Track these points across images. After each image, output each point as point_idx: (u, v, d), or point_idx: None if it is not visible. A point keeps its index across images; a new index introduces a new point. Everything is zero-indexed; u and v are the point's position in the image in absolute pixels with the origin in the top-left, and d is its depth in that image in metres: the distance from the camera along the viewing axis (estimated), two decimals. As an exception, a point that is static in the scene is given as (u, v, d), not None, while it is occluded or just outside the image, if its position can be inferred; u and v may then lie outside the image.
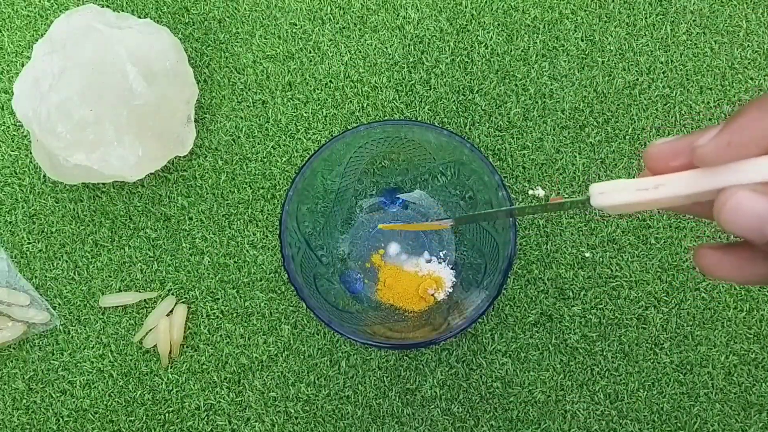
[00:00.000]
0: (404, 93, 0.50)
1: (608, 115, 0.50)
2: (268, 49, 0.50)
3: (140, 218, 0.48)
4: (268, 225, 0.48)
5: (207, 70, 0.50)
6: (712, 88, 0.50)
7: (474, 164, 0.42)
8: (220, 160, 0.49)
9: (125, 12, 0.49)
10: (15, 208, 0.48)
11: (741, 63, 0.50)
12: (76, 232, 0.48)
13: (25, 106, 0.45)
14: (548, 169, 0.49)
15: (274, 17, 0.51)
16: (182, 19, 0.51)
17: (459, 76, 0.50)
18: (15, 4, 0.51)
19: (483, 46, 0.50)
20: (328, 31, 0.51)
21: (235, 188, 0.49)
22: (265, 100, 0.50)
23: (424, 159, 0.45)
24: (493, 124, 0.49)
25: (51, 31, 0.45)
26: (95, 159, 0.44)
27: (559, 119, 0.49)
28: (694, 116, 0.50)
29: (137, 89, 0.44)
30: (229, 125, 0.49)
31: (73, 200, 0.48)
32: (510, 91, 0.50)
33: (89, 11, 0.46)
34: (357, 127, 0.42)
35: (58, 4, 0.51)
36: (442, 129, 0.41)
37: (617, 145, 0.49)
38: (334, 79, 0.50)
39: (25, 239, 0.48)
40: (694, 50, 0.50)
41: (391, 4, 0.51)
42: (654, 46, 0.50)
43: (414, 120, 0.49)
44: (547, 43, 0.50)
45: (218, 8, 0.51)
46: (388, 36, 0.51)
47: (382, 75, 0.50)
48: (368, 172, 0.46)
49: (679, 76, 0.50)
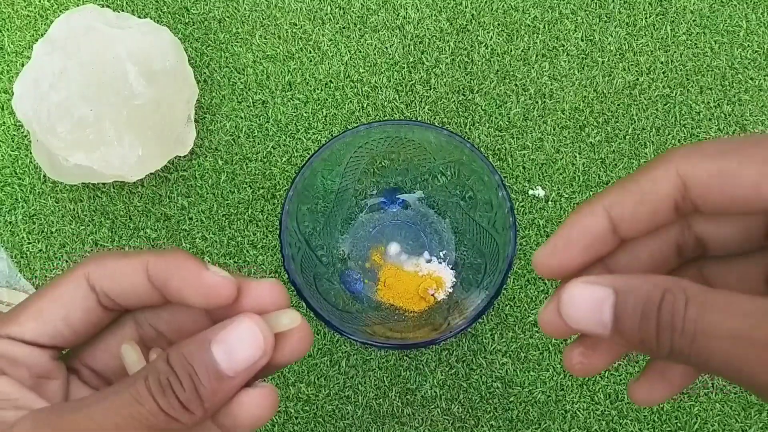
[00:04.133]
0: (404, 93, 0.50)
1: (608, 115, 0.50)
2: (268, 49, 0.50)
3: (140, 218, 0.48)
4: (268, 225, 0.48)
5: (207, 70, 0.50)
6: (712, 88, 0.50)
7: (474, 164, 0.42)
8: (220, 160, 0.49)
9: (125, 12, 0.49)
10: (15, 208, 0.48)
11: (741, 63, 0.50)
12: (76, 232, 0.48)
13: (25, 105, 0.45)
14: (548, 169, 0.49)
15: (274, 17, 0.51)
16: (182, 19, 0.51)
17: (459, 76, 0.50)
18: (15, 4, 0.51)
19: (483, 46, 0.50)
20: (328, 31, 0.51)
21: (235, 188, 0.49)
22: (265, 100, 0.50)
23: (424, 159, 0.45)
24: (493, 124, 0.50)
25: (51, 31, 0.45)
26: (95, 159, 0.44)
27: (559, 119, 0.50)
28: (693, 116, 0.50)
29: (137, 89, 0.44)
30: (229, 125, 0.49)
31: (73, 200, 0.48)
32: (510, 91, 0.50)
33: (89, 11, 0.46)
34: (357, 127, 0.42)
35: (58, 4, 0.51)
36: (442, 129, 0.41)
37: (617, 145, 0.49)
38: (334, 79, 0.50)
39: (25, 239, 0.48)
40: (694, 50, 0.50)
41: (391, 4, 0.51)
42: (654, 46, 0.50)
43: (414, 120, 0.49)
44: (547, 43, 0.50)
45: (218, 8, 0.51)
46: (388, 36, 0.51)
47: (382, 75, 0.50)
48: (368, 172, 0.46)
49: (679, 76, 0.50)
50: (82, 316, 0.24)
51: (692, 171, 0.21)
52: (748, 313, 0.19)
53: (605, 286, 0.21)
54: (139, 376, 0.22)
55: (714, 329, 0.19)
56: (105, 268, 0.24)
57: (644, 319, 0.20)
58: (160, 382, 0.21)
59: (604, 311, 0.21)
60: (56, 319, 0.24)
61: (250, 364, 0.22)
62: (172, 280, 0.23)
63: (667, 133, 0.49)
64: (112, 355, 0.25)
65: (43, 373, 0.24)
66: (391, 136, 0.43)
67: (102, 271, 0.24)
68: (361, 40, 0.51)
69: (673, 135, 0.49)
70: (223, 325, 0.23)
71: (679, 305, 0.20)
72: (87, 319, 0.24)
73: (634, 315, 0.20)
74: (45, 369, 0.24)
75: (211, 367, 0.22)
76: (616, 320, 0.21)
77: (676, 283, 0.20)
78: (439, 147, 0.43)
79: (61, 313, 0.24)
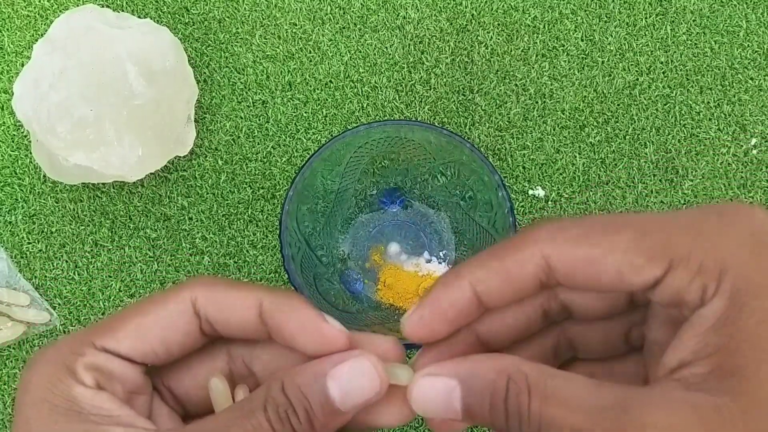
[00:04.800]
0: (404, 93, 0.50)
1: (608, 115, 0.50)
2: (268, 49, 0.50)
3: (140, 218, 0.48)
4: (268, 225, 0.48)
5: (207, 70, 0.50)
6: (712, 88, 0.50)
7: (474, 164, 0.42)
8: (220, 160, 0.49)
9: (125, 12, 0.49)
10: (15, 208, 0.48)
11: (741, 63, 0.50)
12: (75, 232, 0.48)
13: (25, 105, 0.45)
14: (548, 169, 0.49)
15: (274, 17, 0.51)
16: (182, 19, 0.51)
17: (459, 76, 0.50)
18: (15, 4, 0.51)
19: (483, 46, 0.50)
20: (328, 31, 0.51)
21: (235, 188, 0.49)
22: (265, 100, 0.50)
23: (424, 159, 0.45)
24: (493, 124, 0.50)
25: (51, 31, 0.46)
26: (95, 159, 0.45)
27: (559, 119, 0.50)
28: (693, 116, 0.50)
29: (137, 89, 0.44)
30: (229, 125, 0.50)
31: (73, 200, 0.48)
32: (510, 91, 0.50)
33: (89, 11, 0.46)
34: (357, 127, 0.42)
35: (58, 4, 0.51)
36: (442, 129, 0.42)
37: (617, 145, 0.49)
38: (334, 79, 0.50)
39: (25, 239, 0.48)
40: (694, 50, 0.51)
41: (391, 4, 0.51)
42: (654, 46, 0.50)
43: (414, 120, 0.49)
44: (547, 43, 0.50)
45: (218, 8, 0.51)
46: (388, 36, 0.51)
47: (382, 75, 0.50)
48: (368, 172, 0.46)
49: (679, 76, 0.50)
50: (181, 339, 0.24)
51: (557, 256, 0.22)
52: (588, 409, 0.20)
53: (449, 377, 0.22)
54: (257, 406, 0.22)
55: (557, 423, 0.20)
56: (215, 297, 0.24)
57: (492, 409, 0.21)
58: (278, 414, 0.22)
59: (453, 401, 0.22)
60: (155, 339, 0.24)
61: (364, 402, 0.23)
62: (288, 325, 0.23)
63: (667, 133, 0.49)
64: (198, 383, 0.25)
65: (134, 389, 0.24)
66: (391, 136, 0.43)
67: (211, 300, 0.24)
68: (361, 40, 0.51)
69: (673, 135, 0.49)
70: (340, 359, 0.23)
71: (523, 398, 0.21)
72: (184, 342, 0.24)
73: (482, 405, 0.21)
74: (136, 384, 0.24)
75: (326, 401, 0.22)
76: (466, 409, 0.22)
77: (518, 370, 0.21)
78: (439, 147, 0.43)
79: (161, 334, 0.24)
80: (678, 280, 0.21)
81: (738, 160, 0.49)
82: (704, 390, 0.20)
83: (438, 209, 0.47)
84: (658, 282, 0.21)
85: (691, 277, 0.21)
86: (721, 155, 0.49)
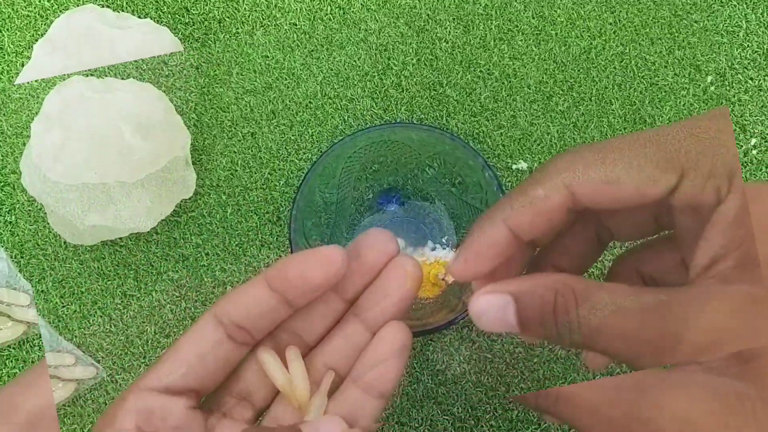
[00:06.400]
0: (380, 99, 0.53)
1: (571, 82, 0.52)
2: (247, 83, 0.53)
3: (160, 263, 0.51)
4: (279, 245, 0.51)
5: (194, 114, 0.53)
6: (662, 38, 0.52)
7: (457, 152, 0.45)
8: (223, 194, 0.52)
9: (125, 12, 0.50)
10: (44, 276, 0.51)
11: (741, 63, 0.52)
12: (104, 288, 0.51)
13: (34, 181, 0.47)
14: (526, 142, 0.52)
15: (247, 54, 0.54)
16: (182, 19, 0.53)
17: (427, 73, 0.53)
18: (15, 4, 0.52)
19: (443, 42, 0.53)
20: (298, 57, 0.54)
21: (242, 218, 0.51)
22: (253, 132, 0.53)
23: (410, 156, 0.47)
24: (467, 111, 0.52)
25: (51, 31, 0.46)
26: (108, 217, 0.47)
27: (526, 95, 0.52)
28: (649, 67, 0.53)
29: (135, 145, 0.46)
30: (225, 161, 0.52)
31: (96, 259, 0.51)
32: (477, 78, 0.53)
33: (89, 11, 0.46)
34: (342, 139, 0.44)
35: (58, 4, 0.52)
36: (421, 125, 0.44)
37: (585, 107, 0.52)
38: (312, 100, 0.53)
39: (59, 303, 0.51)
40: (638, 6, 0.53)
41: (351, 20, 0.54)
42: (601, 10, 0.53)
43: (394, 122, 0.52)
44: (501, 27, 0.53)
45: (218, 8, 0.53)
46: (354, 50, 0.54)
47: (356, 87, 0.53)
48: (362, 178, 0.49)
49: (629, 33, 0.53)
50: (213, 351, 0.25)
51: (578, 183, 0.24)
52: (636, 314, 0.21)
53: (503, 294, 0.24)
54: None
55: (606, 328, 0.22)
56: (228, 299, 0.26)
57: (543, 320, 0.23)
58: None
59: (508, 315, 0.24)
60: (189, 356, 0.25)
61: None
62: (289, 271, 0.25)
63: (628, 86, 0.52)
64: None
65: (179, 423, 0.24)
66: (376, 141, 0.46)
67: (226, 302, 0.26)
68: (330, 58, 0.53)
69: (634, 87, 0.52)
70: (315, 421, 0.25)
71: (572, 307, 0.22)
72: (217, 354, 0.25)
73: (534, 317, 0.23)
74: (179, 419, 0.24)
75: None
76: (521, 323, 0.24)
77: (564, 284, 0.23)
78: (421, 142, 0.46)
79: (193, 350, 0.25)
80: (692, 186, 0.23)
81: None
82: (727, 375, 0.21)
83: (433, 200, 0.50)
84: (675, 190, 0.23)
85: (704, 180, 0.23)
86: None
